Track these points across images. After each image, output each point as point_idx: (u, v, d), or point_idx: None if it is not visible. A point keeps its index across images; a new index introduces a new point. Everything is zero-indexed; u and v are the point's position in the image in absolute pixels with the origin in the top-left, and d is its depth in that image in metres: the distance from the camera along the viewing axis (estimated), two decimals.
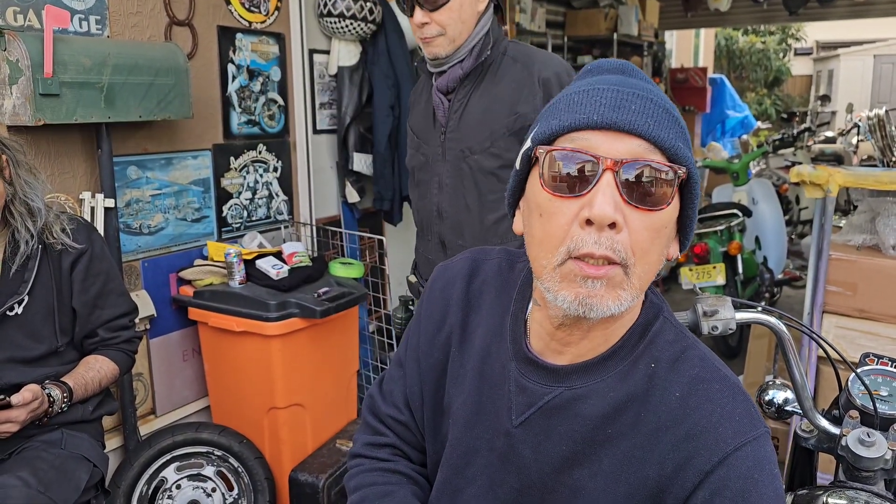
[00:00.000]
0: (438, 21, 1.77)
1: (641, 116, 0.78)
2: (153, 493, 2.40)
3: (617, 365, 0.87)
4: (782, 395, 1.40)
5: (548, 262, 0.80)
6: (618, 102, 0.79)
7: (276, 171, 3.01)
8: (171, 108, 2.33)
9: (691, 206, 0.84)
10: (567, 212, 0.79)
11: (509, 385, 0.92)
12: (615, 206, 0.76)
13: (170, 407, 2.66)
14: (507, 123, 1.80)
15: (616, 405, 0.86)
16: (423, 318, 1.05)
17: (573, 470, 0.87)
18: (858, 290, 2.55)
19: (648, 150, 0.78)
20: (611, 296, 0.79)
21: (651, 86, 0.84)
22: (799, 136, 7.32)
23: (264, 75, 2.91)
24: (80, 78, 2.04)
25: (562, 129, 0.80)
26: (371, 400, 1.13)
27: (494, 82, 1.83)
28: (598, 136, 0.78)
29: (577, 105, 0.80)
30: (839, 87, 17.73)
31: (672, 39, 11.28)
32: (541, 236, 0.82)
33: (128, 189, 2.43)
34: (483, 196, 1.85)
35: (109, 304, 1.85)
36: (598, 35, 6.47)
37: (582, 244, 0.77)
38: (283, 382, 2.52)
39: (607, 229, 0.76)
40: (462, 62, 1.83)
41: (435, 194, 1.90)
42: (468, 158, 1.84)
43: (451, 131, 1.85)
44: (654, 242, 0.80)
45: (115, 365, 1.86)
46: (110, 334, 1.86)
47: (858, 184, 2.52)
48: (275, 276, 2.57)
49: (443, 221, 1.90)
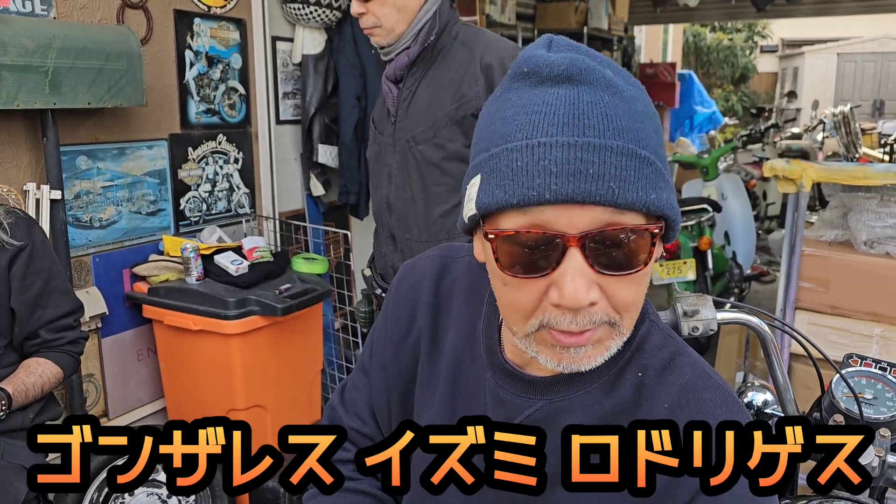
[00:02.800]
0: (373, 11, 1.72)
1: (602, 182, 0.64)
2: (104, 502, 2.28)
3: (602, 375, 0.80)
4: (762, 397, 1.35)
5: (519, 329, 0.72)
6: (572, 166, 0.64)
7: (237, 162, 2.90)
8: (123, 95, 2.20)
9: (672, 235, 0.73)
10: (534, 288, 0.69)
11: (485, 397, 0.85)
12: (588, 285, 0.67)
13: (123, 409, 2.54)
14: (450, 112, 1.74)
15: (601, 418, 0.79)
16: (388, 321, 0.97)
17: (556, 488, 0.80)
18: (831, 287, 2.53)
19: (616, 214, 0.66)
20: (598, 352, 0.72)
21: (606, 93, 0.68)
22: (766, 132, 7.37)
23: (224, 62, 2.79)
24: (22, 61, 1.91)
25: (509, 206, 0.67)
26: (332, 411, 1.04)
27: (443, 68, 1.76)
28: (554, 209, 0.66)
29: (523, 172, 0.66)
30: (804, 84, 18.02)
31: (641, 35, 11.32)
32: (507, 305, 0.73)
33: (77, 180, 2.30)
34: (428, 188, 1.79)
35: (52, 304, 1.73)
36: (568, 28, 6.43)
37: (556, 322, 0.69)
38: (242, 383, 2.42)
39: (584, 307, 0.68)
40: (408, 49, 1.76)
41: (384, 186, 1.85)
42: (413, 149, 1.78)
43: (400, 120, 1.80)
44: (638, 293, 0.72)
45: (58, 368, 1.74)
46: (53, 335, 1.74)
47: (832, 178, 2.50)
48: (234, 272, 2.46)
49: (391, 214, 1.85)
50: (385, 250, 1.87)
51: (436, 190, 1.78)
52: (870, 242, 2.47)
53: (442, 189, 1.78)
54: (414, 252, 1.77)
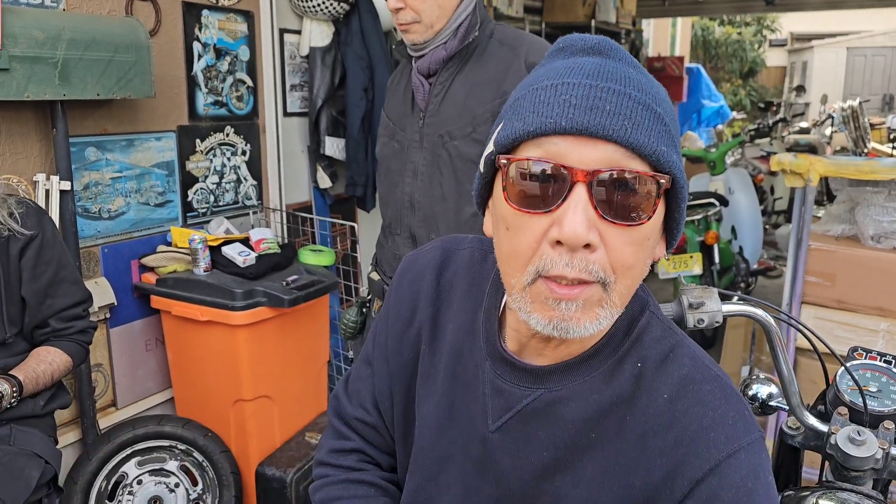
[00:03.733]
0: (413, 6, 1.67)
1: (617, 119, 0.67)
2: (112, 489, 2.31)
3: (600, 364, 0.80)
4: (766, 390, 1.35)
5: (516, 281, 0.72)
6: (590, 102, 0.67)
7: (244, 154, 2.91)
8: (132, 87, 2.21)
9: (678, 209, 0.74)
10: (535, 228, 0.69)
11: (484, 387, 0.85)
12: (588, 225, 0.67)
13: (131, 399, 2.56)
14: (492, 107, 1.69)
15: (600, 408, 0.79)
16: (391, 313, 0.97)
17: (554, 477, 0.80)
18: (837, 281, 2.52)
19: (626, 157, 0.68)
20: (587, 317, 0.71)
21: (632, 69, 0.73)
22: (774, 126, 7.34)
23: (232, 55, 2.79)
24: (32, 52, 1.92)
25: (526, 135, 0.70)
26: (336, 401, 1.05)
27: (480, 65, 1.72)
28: (567, 141, 0.68)
29: (544, 105, 0.69)
30: (813, 78, 17.93)
31: (649, 28, 11.27)
32: (508, 252, 0.73)
33: (86, 171, 2.31)
34: (461, 186, 1.73)
35: (62, 293, 1.75)
36: (576, 22, 6.41)
37: (552, 265, 0.68)
38: (249, 374, 2.44)
39: (581, 249, 0.68)
40: (445, 44, 1.72)
41: (408, 183, 1.79)
42: (447, 144, 1.73)
43: (431, 115, 1.74)
44: (637, 256, 0.71)
45: (67, 357, 1.76)
46: (63, 325, 1.76)
47: (839, 173, 2.49)
48: (241, 264, 2.47)
49: (415, 213, 1.78)
50: (402, 252, 1.81)
51: (469, 187, 1.71)
52: (877, 237, 2.47)
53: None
54: None
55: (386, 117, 1.91)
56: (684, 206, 0.75)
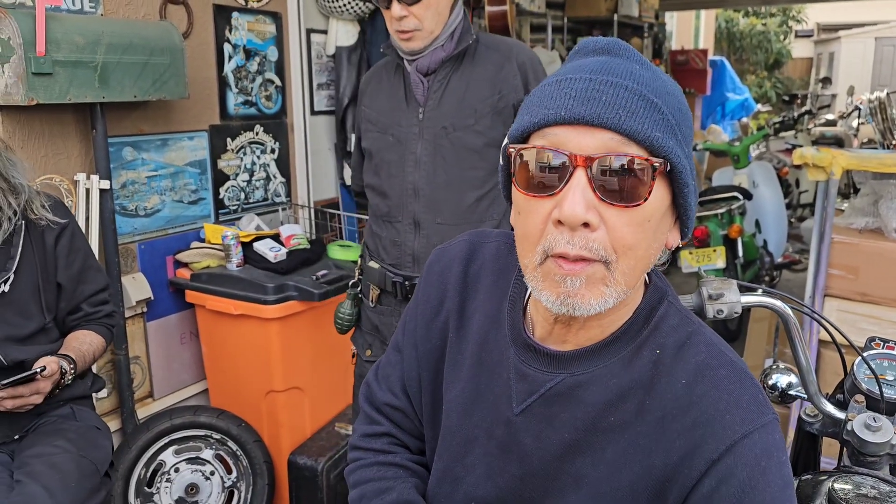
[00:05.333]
0: (416, 14, 1.78)
1: (611, 108, 0.74)
2: (151, 477, 2.40)
3: (620, 350, 0.85)
4: (786, 380, 1.38)
5: (529, 262, 0.80)
6: (588, 94, 0.75)
7: (273, 152, 2.98)
8: (167, 88, 2.29)
9: (682, 194, 0.80)
10: (541, 211, 0.77)
11: (508, 372, 0.90)
12: (587, 206, 0.74)
13: (167, 390, 2.65)
14: (491, 102, 1.84)
15: (619, 392, 0.84)
16: (420, 301, 1.03)
17: (575, 458, 0.85)
18: (860, 274, 2.53)
19: (622, 143, 0.75)
20: (593, 294, 0.77)
21: (637, 65, 0.80)
22: (799, 118, 7.28)
23: (261, 55, 2.87)
24: (74, 57, 2.01)
25: (532, 126, 0.78)
26: (367, 388, 1.11)
27: (474, 65, 1.87)
28: (568, 131, 0.75)
29: (548, 99, 0.77)
30: (840, 69, 17.64)
31: (672, 21, 11.20)
32: (521, 235, 0.81)
33: (123, 170, 2.40)
34: (464, 172, 1.86)
35: (90, 279, 1.87)
36: (598, 16, 6.41)
37: (555, 244, 0.75)
38: (281, 365, 2.51)
39: (581, 229, 0.74)
40: (443, 46, 1.85)
41: (410, 172, 1.89)
42: (450, 135, 1.85)
43: (431, 109, 1.87)
44: (637, 237, 0.77)
45: (101, 338, 1.88)
46: (93, 309, 1.87)
47: (862, 166, 2.50)
48: (273, 259, 2.55)
49: (418, 199, 1.88)
50: (403, 238, 1.90)
51: (472, 174, 1.85)
52: None
53: (480, 173, 1.86)
54: (443, 236, 1.83)
55: (372, 113, 2.00)
56: (689, 192, 0.80)
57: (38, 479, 1.55)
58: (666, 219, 0.81)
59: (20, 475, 1.58)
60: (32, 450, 1.65)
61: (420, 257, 1.88)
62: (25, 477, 1.56)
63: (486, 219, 1.87)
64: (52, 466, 1.60)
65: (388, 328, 1.98)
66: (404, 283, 1.90)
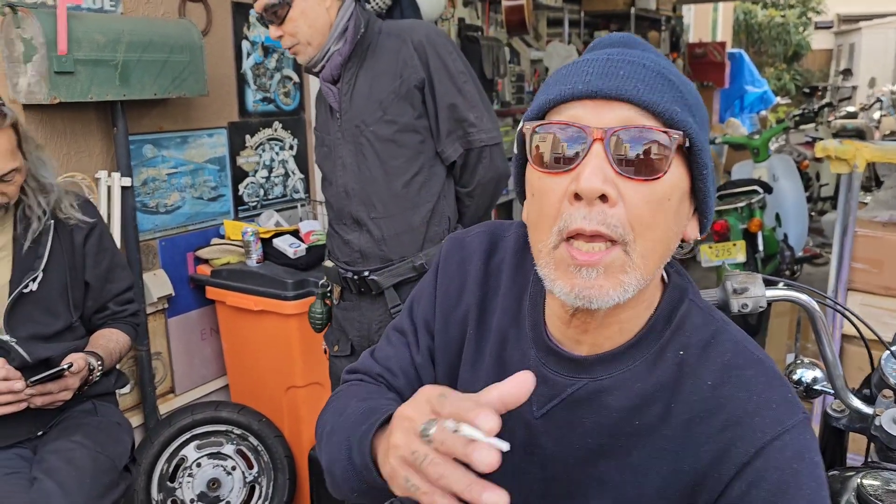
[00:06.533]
0: (288, 31, 1.82)
1: (630, 81, 0.73)
2: (173, 471, 2.42)
3: (643, 353, 0.83)
4: (811, 374, 1.36)
5: (543, 245, 0.76)
6: (606, 70, 0.75)
7: (291, 149, 2.99)
8: (187, 86, 2.30)
9: (701, 176, 0.78)
10: (557, 188, 0.75)
11: None
12: (604, 178, 0.71)
13: (189, 386, 2.67)
14: (394, 88, 1.85)
15: (644, 396, 0.81)
16: (438, 292, 1.00)
17: (599, 462, 0.83)
18: (885, 267, 2.50)
19: (640, 116, 0.73)
20: (611, 284, 0.74)
21: (652, 54, 0.79)
22: (820, 111, 7.20)
23: (279, 52, 2.87)
24: (95, 55, 2.02)
25: (549, 103, 0.77)
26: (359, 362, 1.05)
27: (375, 59, 1.88)
28: (585, 106, 0.74)
29: (565, 77, 0.77)
30: (860, 61, 17.42)
31: (690, 14, 11.09)
32: (535, 218, 0.79)
33: (144, 168, 2.42)
34: (385, 164, 1.88)
35: (117, 278, 1.88)
36: (615, 10, 6.37)
37: (571, 220, 0.72)
38: (301, 361, 2.52)
39: (598, 203, 0.72)
40: (339, 50, 1.86)
41: (340, 176, 1.93)
42: (365, 131, 1.88)
43: (345, 112, 1.90)
44: (656, 216, 0.74)
45: (127, 337, 1.90)
46: (119, 307, 1.89)
47: (886, 158, 2.47)
48: (292, 255, 2.56)
49: (351, 199, 1.92)
50: (349, 237, 1.95)
51: (394, 164, 1.88)
52: None
53: (401, 161, 1.88)
54: (382, 229, 1.88)
55: (316, 130, 2.07)
56: (707, 175, 0.78)
57: (53, 476, 1.57)
58: (684, 204, 0.79)
59: (37, 471, 1.60)
60: (52, 445, 1.67)
61: (367, 252, 1.91)
62: (42, 473, 1.58)
63: (420, 203, 1.89)
64: (69, 462, 1.61)
65: (350, 323, 2.01)
66: (355, 278, 1.94)
